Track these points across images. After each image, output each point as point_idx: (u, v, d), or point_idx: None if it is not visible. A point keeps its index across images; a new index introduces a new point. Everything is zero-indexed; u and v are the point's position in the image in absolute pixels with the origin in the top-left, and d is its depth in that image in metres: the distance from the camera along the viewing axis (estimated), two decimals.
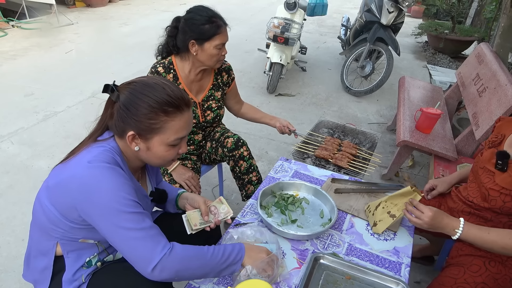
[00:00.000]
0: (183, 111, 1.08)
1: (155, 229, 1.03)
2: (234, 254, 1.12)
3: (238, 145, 1.97)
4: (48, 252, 1.13)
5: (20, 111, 3.55)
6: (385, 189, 1.70)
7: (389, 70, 4.08)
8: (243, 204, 2.49)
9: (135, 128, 1.05)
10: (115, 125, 1.07)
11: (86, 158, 1.01)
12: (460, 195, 1.60)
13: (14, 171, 2.72)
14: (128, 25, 6.75)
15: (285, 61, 4.05)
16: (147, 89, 1.05)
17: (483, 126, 2.33)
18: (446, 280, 1.45)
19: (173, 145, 1.10)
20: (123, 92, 1.05)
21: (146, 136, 1.07)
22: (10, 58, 4.84)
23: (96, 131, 1.12)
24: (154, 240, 1.00)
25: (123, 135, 1.07)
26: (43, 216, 1.08)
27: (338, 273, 1.26)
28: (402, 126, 2.69)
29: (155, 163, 1.15)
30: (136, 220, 0.99)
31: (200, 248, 1.07)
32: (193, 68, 1.85)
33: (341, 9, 9.11)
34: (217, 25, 1.72)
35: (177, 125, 1.08)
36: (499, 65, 2.65)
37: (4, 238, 2.16)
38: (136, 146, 1.08)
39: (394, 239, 1.44)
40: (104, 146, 1.06)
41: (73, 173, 1.00)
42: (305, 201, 1.58)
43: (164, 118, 1.05)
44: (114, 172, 1.00)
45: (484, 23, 6.20)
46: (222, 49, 1.80)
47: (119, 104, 1.05)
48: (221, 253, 1.09)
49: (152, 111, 1.03)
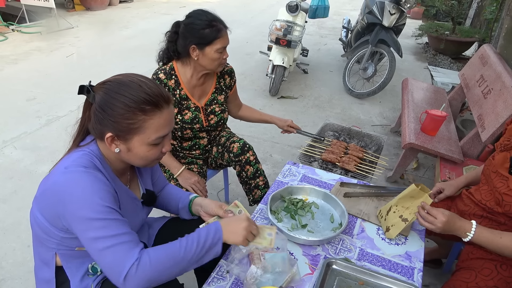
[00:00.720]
0: (162, 108, 1.03)
1: (127, 236, 0.97)
2: (210, 237, 1.06)
3: (244, 150, 1.96)
4: (49, 262, 1.12)
5: (22, 116, 3.54)
6: (394, 193, 1.69)
7: (391, 71, 4.07)
8: (251, 209, 2.48)
9: (113, 129, 1.00)
10: (93, 127, 1.03)
11: (64, 164, 0.99)
12: (472, 197, 1.59)
13: (18, 177, 2.71)
14: (129, 28, 6.75)
15: (288, 63, 4.05)
16: (122, 87, 1.00)
17: (489, 128, 2.32)
18: (458, 284, 1.44)
19: (155, 144, 1.06)
20: (98, 93, 1.01)
21: (125, 137, 1.02)
22: (11, 62, 4.83)
23: (77, 136, 1.09)
24: (124, 248, 0.95)
25: (102, 137, 1.03)
26: (37, 227, 1.06)
27: (351, 278, 1.25)
28: (407, 128, 2.68)
29: (138, 163, 1.10)
30: (107, 227, 0.94)
31: (171, 246, 1.01)
32: (195, 72, 1.84)
33: (341, 11, 9.12)
34: (217, 29, 1.71)
35: (157, 124, 1.03)
36: (504, 66, 2.65)
37: (10, 244, 2.14)
38: (116, 148, 1.04)
39: (405, 244, 1.43)
40: (84, 150, 1.04)
41: (52, 180, 0.99)
42: (315, 205, 1.57)
43: (143, 117, 1.00)
44: (89, 176, 0.96)
45: (484, 24, 6.21)
46: (224, 53, 1.78)
47: (95, 106, 1.01)
48: (196, 242, 1.03)
49: (129, 110, 0.98)
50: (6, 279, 1.93)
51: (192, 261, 1.03)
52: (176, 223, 1.45)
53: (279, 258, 1.19)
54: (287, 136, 3.44)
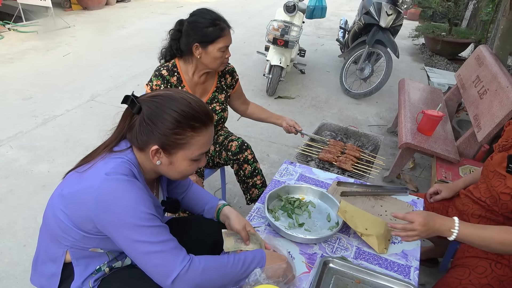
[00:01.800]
0: (208, 126, 1.07)
1: (174, 242, 1.01)
2: (255, 263, 1.09)
3: (242, 149, 1.96)
4: (57, 259, 1.11)
5: (18, 115, 3.52)
6: (391, 192, 1.70)
7: (388, 72, 4.09)
8: (247, 208, 2.49)
9: (160, 142, 1.03)
10: (137, 138, 1.04)
11: (104, 170, 0.99)
12: (471, 195, 1.60)
13: (13, 176, 2.69)
14: (126, 28, 6.73)
15: (285, 63, 4.06)
16: (174, 103, 1.02)
17: (485, 128, 2.34)
18: (451, 281, 1.45)
19: (196, 160, 1.09)
20: (147, 105, 1.02)
21: (170, 151, 1.05)
22: (7, 61, 4.81)
23: (112, 141, 1.09)
24: (173, 253, 0.98)
25: (145, 149, 1.05)
26: (54, 224, 1.06)
27: (348, 277, 1.25)
28: (404, 128, 2.69)
29: (174, 177, 1.13)
30: (155, 234, 0.97)
31: (219, 259, 1.06)
32: (197, 70, 1.85)
33: (338, 12, 9.15)
34: (220, 28, 1.73)
35: (202, 141, 1.06)
36: (500, 67, 2.67)
37: (5, 244, 2.13)
38: (158, 160, 1.06)
39: (402, 242, 1.43)
40: (122, 157, 1.04)
41: (90, 184, 0.98)
42: (312, 204, 1.57)
43: (191, 134, 1.03)
44: (132, 185, 0.98)
45: (480, 25, 6.25)
46: (226, 52, 1.79)
47: (142, 117, 1.02)
48: (241, 263, 1.07)
49: (179, 126, 1.01)
50: (1, 279, 1.92)
51: (234, 279, 1.06)
52: (177, 223, 1.45)
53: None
54: (284, 135, 3.45)
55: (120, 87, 4.25)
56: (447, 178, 2.31)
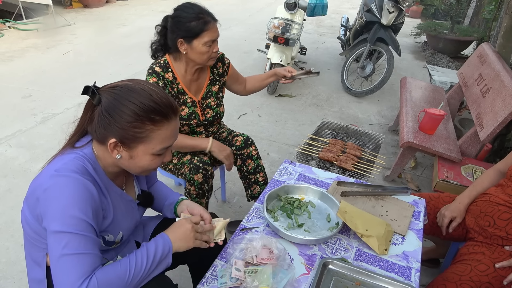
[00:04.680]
0: (170, 119, 1.02)
1: (88, 257, 0.93)
2: (160, 250, 1.05)
3: (247, 144, 1.97)
4: (40, 263, 1.09)
5: (17, 114, 3.50)
6: (392, 192, 1.68)
7: (389, 70, 4.06)
8: (247, 208, 2.47)
9: (118, 136, 0.98)
10: (95, 130, 1.00)
11: (54, 166, 0.96)
12: (494, 199, 1.58)
13: (12, 175, 2.68)
14: (126, 26, 6.70)
15: (286, 61, 4.03)
16: (133, 94, 0.97)
17: (487, 127, 2.31)
18: (451, 276, 1.44)
19: (158, 154, 1.04)
20: (106, 96, 0.98)
21: (129, 145, 1.00)
22: (6, 59, 4.79)
23: (74, 135, 1.06)
24: (80, 270, 0.91)
25: (103, 142, 1.01)
26: (27, 227, 1.04)
27: (348, 279, 1.23)
28: (405, 127, 2.67)
29: (136, 171, 1.08)
30: (71, 243, 0.91)
31: (122, 265, 0.98)
32: (188, 67, 1.83)
33: (339, 10, 9.10)
34: (204, 21, 1.68)
35: (164, 134, 1.02)
36: (502, 65, 2.64)
37: (3, 243, 2.11)
38: (118, 154, 1.01)
39: (402, 243, 1.41)
40: (77, 153, 1.00)
41: (40, 181, 0.96)
42: (311, 205, 1.55)
43: (151, 127, 0.98)
44: (76, 183, 0.94)
45: (482, 23, 6.20)
46: (213, 46, 1.75)
47: (100, 109, 0.98)
48: (145, 258, 1.01)
49: (137, 119, 0.96)
50: None
51: (145, 275, 1.01)
52: (171, 222, 1.43)
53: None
54: (284, 134, 3.43)
55: None
56: (448, 178, 2.28)
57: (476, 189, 1.70)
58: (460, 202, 1.69)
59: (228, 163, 1.91)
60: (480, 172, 2.38)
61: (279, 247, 1.24)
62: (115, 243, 1.15)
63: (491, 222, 1.54)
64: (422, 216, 1.57)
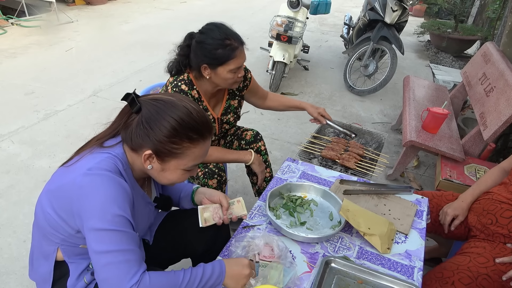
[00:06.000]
0: (206, 139, 1.04)
1: (132, 254, 0.94)
2: (214, 278, 1.04)
3: (257, 139, 1.98)
4: (49, 256, 1.10)
5: (20, 110, 3.51)
6: (394, 191, 1.67)
7: (393, 69, 4.04)
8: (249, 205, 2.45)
9: (154, 148, 1.00)
10: (131, 138, 1.01)
11: (88, 164, 0.96)
12: (497, 197, 1.58)
13: (14, 171, 2.68)
14: (129, 23, 6.70)
15: (288, 59, 4.02)
16: (175, 110, 0.99)
17: (491, 126, 2.30)
18: (449, 265, 1.44)
19: (188, 170, 1.07)
20: (147, 108, 0.99)
21: (163, 158, 1.02)
22: (9, 56, 4.80)
23: (105, 136, 1.06)
24: (126, 266, 0.92)
25: (138, 151, 1.02)
26: (43, 220, 1.04)
27: (350, 277, 1.22)
28: (408, 126, 2.66)
29: (163, 182, 1.10)
30: (115, 240, 0.92)
31: (174, 276, 0.99)
32: (210, 87, 1.74)
33: (342, 8, 9.07)
34: (231, 48, 1.57)
35: (198, 152, 1.04)
36: (507, 64, 2.62)
37: (5, 239, 2.12)
38: (150, 165, 1.03)
39: (405, 242, 1.41)
40: (109, 152, 1.01)
41: (73, 179, 0.96)
42: (314, 203, 1.54)
43: (187, 144, 1.01)
44: (111, 182, 0.94)
45: (486, 22, 6.17)
46: (238, 71, 1.65)
47: (140, 119, 0.99)
48: (199, 279, 1.01)
49: (176, 135, 0.98)
50: (1, 274, 1.91)
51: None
52: (174, 218, 1.43)
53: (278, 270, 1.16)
54: (286, 133, 3.42)
55: (123, 82, 4.23)
56: (451, 177, 2.28)
57: (480, 187, 1.69)
58: (463, 201, 1.68)
59: (262, 177, 1.93)
60: (483, 171, 2.37)
61: (281, 245, 1.24)
62: None
63: (494, 220, 1.54)
64: (425, 215, 1.57)
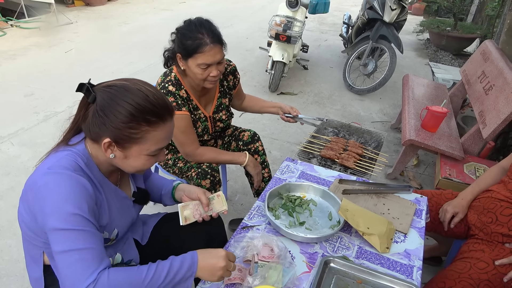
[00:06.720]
0: (166, 121, 1.01)
1: (90, 252, 0.91)
2: (183, 271, 0.99)
3: (254, 139, 1.99)
4: (37, 260, 1.09)
5: (20, 112, 3.51)
6: (394, 190, 1.67)
7: (392, 68, 4.04)
8: (248, 206, 2.47)
9: (112, 135, 0.97)
10: (89, 129, 0.99)
11: (48, 164, 0.95)
12: (496, 195, 1.58)
13: (14, 173, 2.69)
14: (128, 24, 6.70)
15: (287, 59, 4.02)
16: (129, 94, 0.95)
17: (490, 125, 2.30)
18: (450, 273, 1.44)
19: (152, 155, 1.04)
20: (101, 95, 0.96)
21: (124, 145, 0.99)
22: (9, 58, 4.80)
23: (68, 132, 1.05)
24: (82, 265, 0.89)
25: (97, 141, 1.00)
26: (24, 226, 1.04)
27: (349, 277, 1.22)
28: (408, 124, 2.66)
29: (130, 171, 1.08)
30: (71, 239, 0.89)
31: (137, 271, 0.94)
32: (194, 83, 1.73)
33: (341, 7, 9.06)
34: (200, 43, 1.56)
35: (159, 136, 1.01)
36: (506, 62, 2.62)
37: (5, 241, 2.12)
38: (112, 154, 1.00)
39: (404, 241, 1.41)
40: (70, 150, 1.00)
41: (35, 179, 0.95)
42: (313, 203, 1.54)
43: (146, 128, 0.97)
44: (69, 180, 0.92)
45: (485, 20, 6.17)
46: (209, 70, 1.62)
47: (95, 108, 0.96)
48: (165, 272, 0.96)
49: (133, 119, 0.95)
50: (1, 276, 1.92)
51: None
52: (171, 219, 1.43)
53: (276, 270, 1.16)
54: (286, 132, 3.42)
55: None
56: (451, 176, 2.28)
57: (479, 185, 1.69)
58: (462, 198, 1.69)
59: (258, 179, 1.93)
60: (482, 170, 2.37)
61: (280, 245, 1.24)
62: (110, 240, 1.14)
63: (494, 218, 1.54)
64: (424, 214, 1.57)
